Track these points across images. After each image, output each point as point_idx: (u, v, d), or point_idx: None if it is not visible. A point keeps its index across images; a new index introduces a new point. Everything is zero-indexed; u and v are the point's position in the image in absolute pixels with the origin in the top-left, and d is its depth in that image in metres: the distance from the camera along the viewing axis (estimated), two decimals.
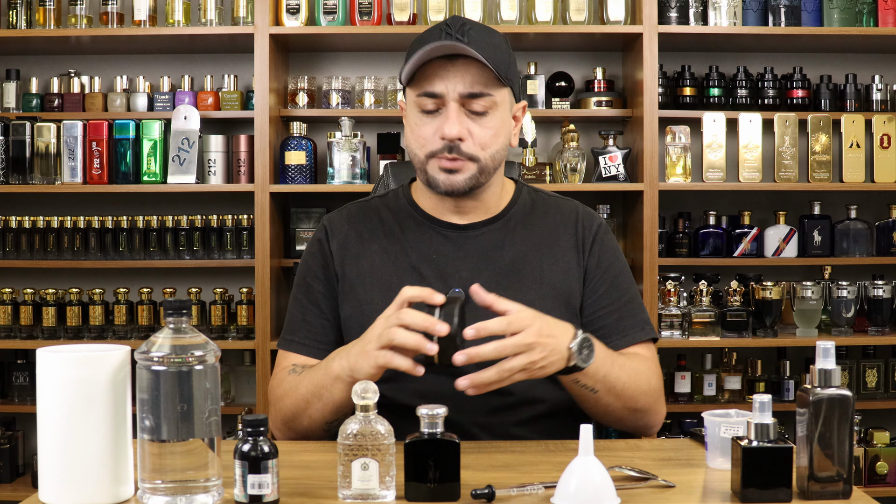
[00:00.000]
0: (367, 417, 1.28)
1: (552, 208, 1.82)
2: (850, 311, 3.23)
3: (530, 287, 1.72)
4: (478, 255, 1.74)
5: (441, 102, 1.65)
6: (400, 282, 1.69)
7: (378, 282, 1.73)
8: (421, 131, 1.68)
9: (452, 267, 1.73)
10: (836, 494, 1.27)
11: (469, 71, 1.64)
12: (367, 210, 1.82)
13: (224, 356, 3.00)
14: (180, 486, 1.23)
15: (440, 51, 1.62)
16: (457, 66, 1.64)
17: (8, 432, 3.29)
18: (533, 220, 1.79)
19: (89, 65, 3.45)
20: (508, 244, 1.76)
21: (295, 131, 3.25)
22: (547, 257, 1.75)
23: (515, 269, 1.73)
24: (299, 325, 1.77)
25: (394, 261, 1.74)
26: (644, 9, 3.11)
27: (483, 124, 1.66)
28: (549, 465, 1.45)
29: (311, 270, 1.79)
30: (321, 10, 3.20)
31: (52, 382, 1.26)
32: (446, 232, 1.76)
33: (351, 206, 1.85)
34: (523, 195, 1.82)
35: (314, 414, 1.61)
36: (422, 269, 1.73)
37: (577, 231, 1.78)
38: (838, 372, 1.29)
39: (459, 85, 1.64)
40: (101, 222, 3.26)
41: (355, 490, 1.26)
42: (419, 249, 1.75)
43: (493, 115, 1.67)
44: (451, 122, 1.64)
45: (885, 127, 3.25)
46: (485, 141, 1.67)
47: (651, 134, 3.13)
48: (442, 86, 1.64)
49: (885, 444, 3.21)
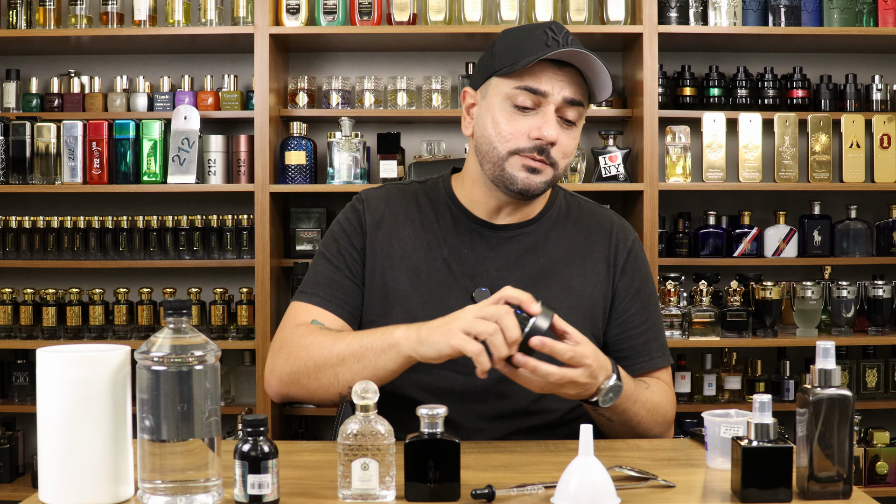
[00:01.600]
0: (367, 417, 1.28)
1: (586, 216, 1.81)
2: (850, 311, 3.23)
3: (557, 295, 1.71)
4: (509, 256, 1.73)
5: (539, 101, 1.64)
6: (429, 271, 1.71)
7: (408, 266, 1.72)
8: (509, 126, 1.65)
9: (482, 266, 1.72)
10: (836, 494, 1.27)
11: (575, 79, 1.65)
12: (406, 193, 1.80)
13: (224, 356, 3.00)
14: (180, 486, 1.23)
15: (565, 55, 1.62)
16: (565, 71, 1.64)
17: (8, 432, 3.29)
18: (566, 226, 1.78)
19: (89, 65, 3.45)
20: (541, 249, 1.75)
21: (295, 131, 3.25)
22: (577, 267, 1.75)
23: (545, 276, 1.72)
24: (327, 281, 1.72)
25: (426, 249, 1.73)
26: (644, 9, 3.11)
27: (570, 134, 1.67)
28: (549, 465, 1.45)
29: (345, 235, 1.76)
30: (321, 10, 3.20)
31: (52, 382, 1.26)
32: (481, 230, 1.75)
33: (389, 187, 1.83)
34: (559, 199, 1.82)
35: (344, 374, 1.55)
36: (452, 263, 1.72)
37: (611, 244, 1.78)
38: (838, 372, 1.29)
39: (567, 90, 1.64)
40: (101, 222, 3.26)
41: (355, 490, 1.26)
42: (452, 243, 1.74)
43: (578, 127, 1.69)
44: (552, 124, 1.64)
45: (885, 127, 3.25)
46: (568, 150, 1.68)
47: (651, 134, 3.13)
48: (549, 86, 1.63)
49: (885, 444, 3.21)
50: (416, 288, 1.70)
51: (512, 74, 1.64)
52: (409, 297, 1.69)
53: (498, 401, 1.67)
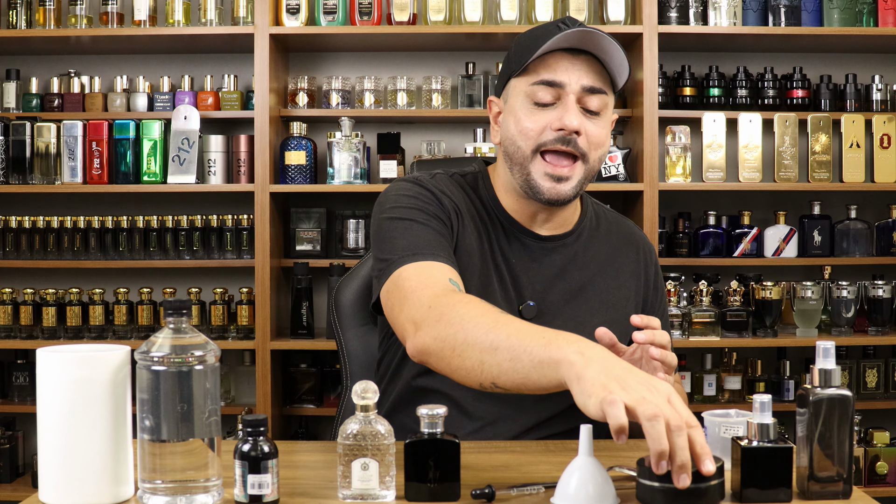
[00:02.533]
0: (367, 417, 1.27)
1: (613, 226, 1.80)
2: (850, 311, 3.23)
3: (598, 309, 1.69)
4: (552, 269, 1.69)
5: (558, 94, 1.60)
6: (487, 273, 1.64)
7: (472, 267, 1.63)
8: (531, 123, 1.61)
9: (527, 278, 1.68)
10: (836, 494, 1.27)
11: (592, 67, 1.60)
12: (457, 185, 1.70)
13: (224, 356, 3.00)
14: (180, 486, 1.23)
15: (574, 38, 1.57)
16: (580, 60, 1.60)
17: (8, 432, 3.29)
18: (599, 238, 1.76)
19: (89, 65, 3.45)
20: (580, 262, 1.72)
21: (295, 131, 3.25)
22: (611, 280, 1.73)
23: (584, 290, 1.69)
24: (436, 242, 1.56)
25: (484, 250, 1.67)
26: (644, 9, 3.11)
27: (596, 123, 1.62)
28: (549, 465, 1.45)
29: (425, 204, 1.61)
30: (321, 10, 3.20)
31: (52, 382, 1.25)
32: (526, 239, 1.70)
33: (439, 175, 1.70)
34: (589, 208, 1.79)
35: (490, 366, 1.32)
36: (502, 271, 1.67)
37: (639, 258, 1.77)
38: (838, 372, 1.29)
39: (584, 78, 1.59)
40: (101, 222, 3.26)
41: (355, 490, 1.26)
42: (504, 249, 1.69)
43: (605, 116, 1.63)
44: (573, 112, 1.58)
45: (885, 127, 3.25)
46: (599, 140, 1.62)
47: (651, 134, 3.13)
48: (566, 76, 1.59)
49: (885, 444, 3.21)
50: (477, 290, 1.62)
51: (528, 71, 1.61)
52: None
53: (537, 410, 1.66)
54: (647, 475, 1.21)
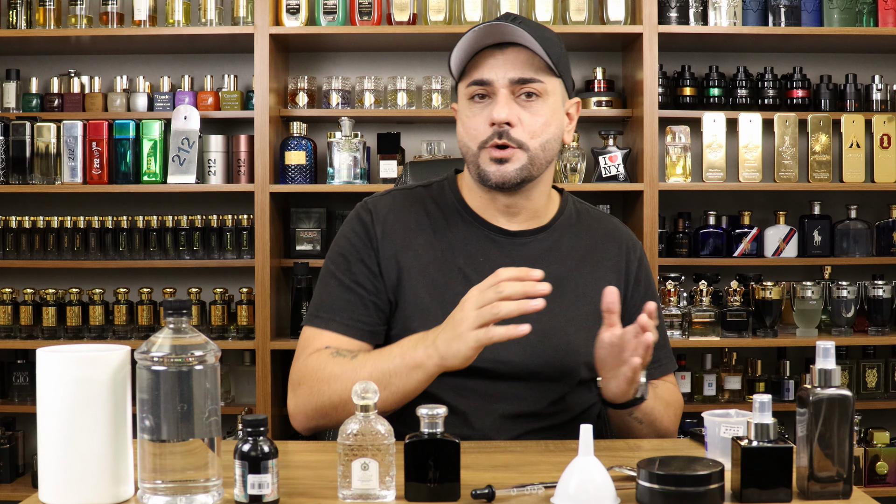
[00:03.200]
0: (367, 417, 1.28)
1: (596, 223, 1.81)
2: (850, 311, 3.23)
3: (573, 303, 1.71)
4: (524, 263, 1.67)
5: (492, 90, 1.64)
6: (447, 282, 1.67)
7: (425, 278, 1.68)
8: (471, 122, 1.66)
9: None
10: (836, 494, 1.27)
11: (520, 58, 1.64)
12: (413, 199, 1.76)
13: (224, 356, 3.00)
14: (180, 486, 1.23)
15: (491, 34, 1.62)
16: (507, 53, 1.64)
17: (8, 432, 3.29)
18: (579, 233, 1.78)
19: (89, 65, 3.45)
20: (555, 256, 1.73)
21: (295, 131, 3.25)
22: (590, 274, 1.74)
23: (560, 283, 1.69)
24: (340, 304, 1.67)
25: (441, 258, 1.70)
26: (644, 9, 3.11)
27: (533, 111, 1.64)
28: (549, 465, 1.45)
29: (354, 250, 1.71)
30: (321, 10, 3.20)
31: (52, 382, 1.26)
32: (495, 236, 1.72)
33: (395, 193, 1.78)
34: (569, 205, 1.81)
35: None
36: (468, 272, 1.68)
37: (621, 253, 1.78)
38: (838, 372, 1.29)
39: (511, 71, 1.63)
40: (101, 222, 3.26)
41: (355, 490, 1.26)
42: (466, 251, 1.71)
43: (544, 103, 1.65)
44: (500, 106, 1.62)
45: (885, 127, 3.25)
46: (535, 128, 1.64)
47: (651, 134, 3.13)
48: (491, 72, 1.63)
49: (885, 444, 3.21)
50: (436, 301, 1.66)
51: (464, 75, 1.68)
52: (430, 311, 1.65)
53: (517, 401, 1.67)
54: (646, 476, 1.21)
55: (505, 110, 1.62)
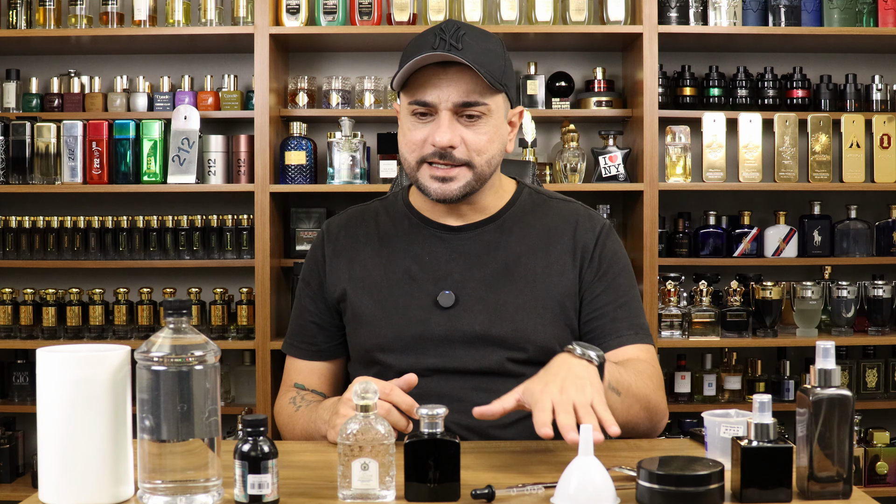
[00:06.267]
0: (367, 417, 1.28)
1: (552, 210, 1.80)
2: (850, 311, 3.23)
3: (522, 289, 1.71)
4: (470, 256, 1.73)
5: (434, 109, 1.65)
6: (390, 286, 1.73)
7: (369, 287, 1.74)
8: (412, 136, 1.67)
9: (445, 269, 1.73)
10: (836, 494, 1.27)
11: (462, 79, 1.63)
12: (366, 214, 1.83)
13: (224, 356, 3.00)
14: (180, 486, 1.23)
15: (432, 59, 1.62)
16: (449, 74, 1.63)
17: (8, 432, 3.29)
18: (530, 222, 1.78)
19: (89, 65, 3.45)
20: (502, 245, 1.75)
21: (295, 131, 3.25)
22: (541, 259, 1.74)
23: (508, 271, 1.72)
24: (295, 328, 1.84)
25: (385, 265, 1.75)
26: (644, 9, 3.11)
27: (477, 131, 1.66)
28: (549, 465, 1.45)
29: (305, 275, 1.83)
30: (321, 10, 3.20)
31: (52, 382, 1.26)
32: (440, 233, 1.76)
33: (352, 210, 1.86)
34: (523, 196, 1.81)
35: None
36: (413, 272, 1.73)
37: (576, 235, 1.76)
38: (838, 372, 1.29)
39: (453, 94, 1.63)
40: (101, 222, 3.26)
41: (355, 490, 1.26)
42: (412, 252, 1.75)
43: (487, 121, 1.66)
44: (443, 130, 1.63)
45: (885, 127, 3.25)
46: (479, 147, 1.66)
47: (651, 134, 3.13)
48: (434, 95, 1.63)
49: (885, 444, 3.21)
50: (379, 305, 1.72)
51: (407, 86, 1.66)
52: (374, 316, 1.72)
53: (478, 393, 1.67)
54: (646, 476, 1.21)
55: (447, 135, 1.63)
